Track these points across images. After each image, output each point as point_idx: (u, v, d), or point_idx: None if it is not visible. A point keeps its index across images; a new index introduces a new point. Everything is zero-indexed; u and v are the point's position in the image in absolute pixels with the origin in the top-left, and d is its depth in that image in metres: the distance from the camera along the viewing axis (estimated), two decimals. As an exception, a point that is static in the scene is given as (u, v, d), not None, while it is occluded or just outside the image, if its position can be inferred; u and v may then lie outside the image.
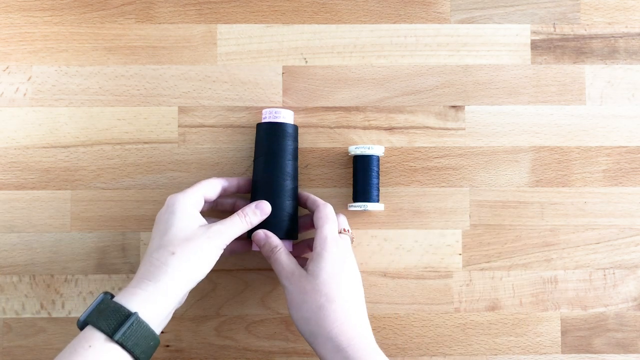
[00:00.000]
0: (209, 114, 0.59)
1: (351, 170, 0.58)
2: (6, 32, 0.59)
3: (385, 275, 0.58)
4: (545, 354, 0.58)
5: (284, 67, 0.59)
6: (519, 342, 0.58)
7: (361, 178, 0.56)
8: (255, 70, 0.59)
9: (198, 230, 0.48)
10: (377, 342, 0.57)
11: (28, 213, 0.58)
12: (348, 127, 0.59)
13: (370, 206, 0.56)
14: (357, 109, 0.59)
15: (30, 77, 0.58)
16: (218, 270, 0.57)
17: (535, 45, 0.60)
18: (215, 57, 0.59)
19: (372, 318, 0.58)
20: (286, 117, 0.55)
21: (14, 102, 0.58)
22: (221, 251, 0.49)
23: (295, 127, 0.56)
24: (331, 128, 0.59)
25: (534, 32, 0.60)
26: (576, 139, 0.59)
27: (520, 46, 0.60)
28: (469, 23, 0.60)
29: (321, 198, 0.58)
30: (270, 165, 0.53)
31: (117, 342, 0.42)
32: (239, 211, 0.51)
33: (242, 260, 0.58)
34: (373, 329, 0.57)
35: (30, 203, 0.58)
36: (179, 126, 0.58)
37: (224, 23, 0.59)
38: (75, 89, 0.58)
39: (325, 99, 0.59)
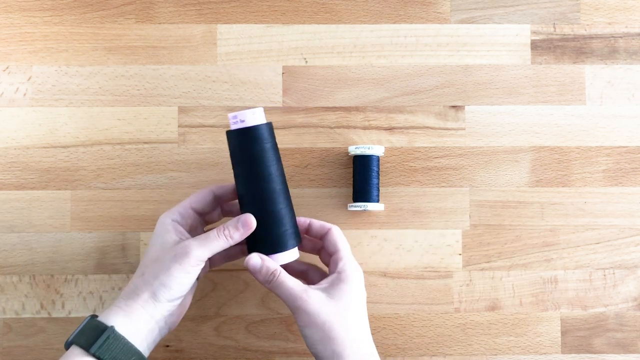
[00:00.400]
0: (209, 114, 0.59)
1: (351, 170, 0.58)
2: (6, 32, 0.59)
3: (385, 275, 0.58)
4: (545, 354, 0.58)
5: (284, 67, 0.59)
6: (519, 342, 0.58)
7: (361, 178, 0.56)
8: (255, 70, 0.59)
9: (169, 249, 0.46)
10: (377, 342, 0.57)
11: (28, 213, 0.58)
12: (348, 127, 0.59)
13: (370, 206, 0.56)
14: (357, 109, 0.59)
15: (30, 77, 0.58)
16: (218, 270, 0.57)
17: (535, 45, 0.60)
18: (215, 57, 0.59)
19: (372, 318, 0.58)
20: (254, 118, 0.48)
21: (14, 102, 0.58)
22: (194, 268, 0.46)
23: (268, 126, 0.49)
24: (331, 128, 0.59)
25: (534, 32, 0.60)
26: (576, 139, 0.59)
27: (520, 46, 0.60)
28: (469, 23, 0.60)
29: (321, 198, 0.58)
30: (252, 174, 0.48)
31: (94, 356, 0.43)
32: (220, 226, 0.48)
33: (242, 260, 0.58)
34: (373, 329, 0.58)
35: (30, 203, 0.58)
36: (179, 126, 0.58)
37: (224, 23, 0.59)
38: (75, 89, 0.58)
39: (325, 99, 0.59)
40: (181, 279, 0.46)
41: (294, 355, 0.57)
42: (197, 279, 0.49)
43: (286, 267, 0.51)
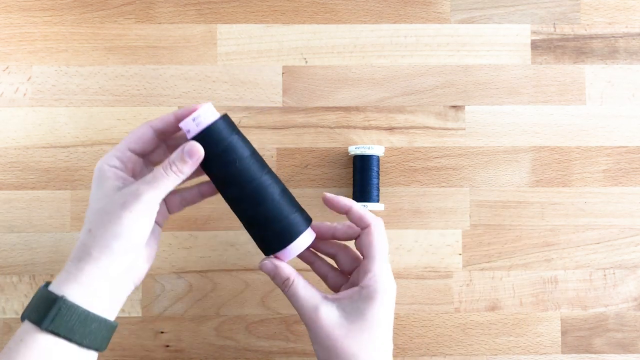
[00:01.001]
0: (209, 114, 0.58)
1: (351, 170, 0.58)
2: (6, 32, 0.59)
3: (385, 275, 0.58)
4: (545, 354, 0.58)
5: (284, 67, 0.59)
6: (519, 342, 0.58)
7: (361, 178, 0.56)
8: (255, 70, 0.59)
9: (113, 196, 0.41)
10: (377, 342, 0.57)
11: (28, 213, 0.58)
12: (348, 127, 0.59)
13: (370, 206, 0.56)
14: (357, 109, 0.59)
15: (30, 77, 0.58)
16: (218, 270, 0.57)
17: (535, 45, 0.60)
18: (215, 57, 0.59)
19: (372, 318, 0.58)
20: (207, 115, 0.44)
21: (14, 102, 0.58)
22: (148, 213, 0.41)
23: (225, 118, 0.44)
24: (331, 128, 0.59)
25: (534, 32, 0.60)
26: (576, 139, 0.59)
27: (520, 46, 0.60)
28: (469, 23, 0.60)
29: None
30: (234, 176, 0.44)
31: (48, 331, 0.39)
32: (165, 161, 0.42)
33: (242, 260, 0.58)
34: (373, 329, 0.57)
35: (30, 203, 0.58)
36: (179, 126, 0.58)
37: (224, 23, 0.59)
38: (75, 89, 0.58)
39: (325, 99, 0.59)
40: (135, 227, 0.41)
41: (294, 355, 0.57)
42: (160, 225, 0.46)
43: (316, 248, 0.49)
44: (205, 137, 0.43)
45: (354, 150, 0.56)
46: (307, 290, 0.44)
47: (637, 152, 0.59)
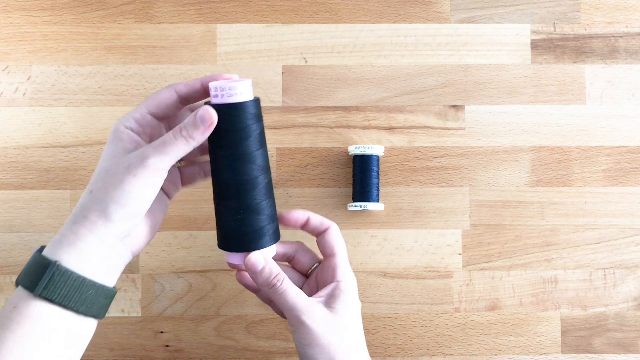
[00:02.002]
0: (209, 114, 0.58)
1: (351, 170, 0.58)
2: (6, 32, 0.59)
3: (385, 275, 0.58)
4: (545, 354, 0.58)
5: (284, 67, 0.59)
6: (519, 342, 0.58)
7: (361, 178, 0.56)
8: (255, 70, 0.59)
9: (121, 159, 0.39)
10: (377, 342, 0.57)
11: (28, 213, 0.58)
12: (348, 127, 0.59)
13: (370, 206, 0.56)
14: (357, 109, 0.59)
15: (30, 77, 0.58)
16: (218, 270, 0.57)
17: (535, 45, 0.60)
18: (215, 57, 0.59)
19: (372, 318, 0.58)
20: (244, 92, 0.41)
21: (13, 102, 0.58)
22: (154, 180, 0.39)
23: (257, 102, 0.42)
24: (331, 128, 0.59)
25: (534, 32, 0.60)
26: (576, 139, 0.59)
27: (521, 46, 0.59)
28: (469, 23, 0.60)
29: (321, 198, 0.58)
30: (235, 160, 0.42)
31: (42, 298, 0.37)
32: (177, 127, 0.40)
33: (242, 260, 0.58)
34: (373, 329, 0.58)
35: (30, 203, 0.58)
36: (178, 126, 0.58)
37: (224, 23, 0.59)
38: (75, 89, 0.58)
39: (325, 99, 0.59)
40: (138, 194, 0.38)
41: (294, 355, 0.57)
42: (169, 197, 0.45)
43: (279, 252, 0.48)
44: (229, 111, 0.41)
45: (354, 150, 0.56)
46: (297, 289, 0.43)
47: (637, 152, 0.59)
